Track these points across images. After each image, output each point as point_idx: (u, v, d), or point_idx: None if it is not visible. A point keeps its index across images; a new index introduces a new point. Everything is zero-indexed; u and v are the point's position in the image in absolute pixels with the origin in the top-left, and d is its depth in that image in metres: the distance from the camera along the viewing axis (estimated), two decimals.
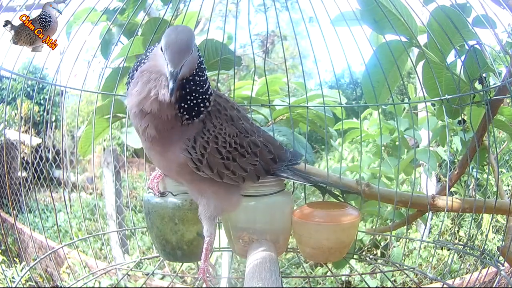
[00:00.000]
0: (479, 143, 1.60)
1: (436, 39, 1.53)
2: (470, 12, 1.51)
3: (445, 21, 1.47)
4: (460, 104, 1.59)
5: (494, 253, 3.22)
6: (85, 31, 1.57)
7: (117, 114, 1.89)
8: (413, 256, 3.91)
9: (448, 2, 1.48)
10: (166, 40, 1.00)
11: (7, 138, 4.52)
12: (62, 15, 1.18)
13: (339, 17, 1.60)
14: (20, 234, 3.39)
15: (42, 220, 4.84)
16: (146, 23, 1.73)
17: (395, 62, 1.58)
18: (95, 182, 1.96)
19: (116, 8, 1.82)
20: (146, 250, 4.40)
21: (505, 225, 1.71)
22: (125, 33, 1.91)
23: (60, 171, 4.62)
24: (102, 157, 4.50)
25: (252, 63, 4.22)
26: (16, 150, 5.04)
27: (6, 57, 1.14)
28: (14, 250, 3.46)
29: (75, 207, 5.30)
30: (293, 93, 3.39)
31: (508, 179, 4.15)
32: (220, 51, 1.74)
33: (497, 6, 1.38)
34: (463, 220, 4.25)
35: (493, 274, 2.52)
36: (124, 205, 4.62)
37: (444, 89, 1.57)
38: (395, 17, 1.52)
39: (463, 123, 1.83)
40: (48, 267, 3.17)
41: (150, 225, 1.37)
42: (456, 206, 1.63)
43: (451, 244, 1.72)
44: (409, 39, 1.59)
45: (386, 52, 1.59)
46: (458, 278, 2.74)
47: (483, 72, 1.52)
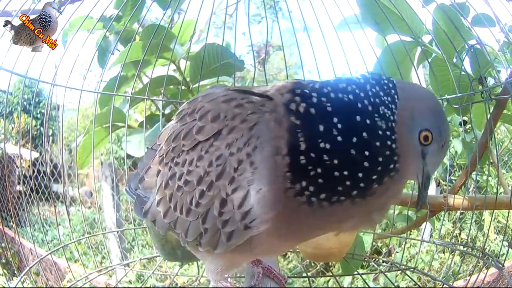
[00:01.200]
0: (489, 138, 1.60)
1: (443, 37, 1.53)
2: (469, 12, 1.51)
3: (452, 16, 1.46)
4: (471, 102, 1.58)
5: (496, 253, 3.21)
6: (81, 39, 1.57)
7: (115, 123, 1.88)
8: (415, 260, 3.89)
9: (448, 2, 1.48)
10: (441, 124, 0.82)
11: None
12: (58, 23, 1.17)
13: (342, 22, 1.60)
14: (20, 248, 3.37)
15: (42, 234, 4.82)
16: (144, 29, 1.73)
17: (399, 64, 1.57)
18: (96, 193, 1.94)
19: (112, 16, 1.81)
20: (147, 263, 4.36)
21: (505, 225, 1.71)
22: (121, 41, 1.90)
23: (58, 185, 4.61)
24: (100, 171, 4.48)
25: (248, 74, 4.22)
26: (14, 164, 5.01)
27: (6, 58, 1.14)
28: (14, 264, 3.44)
29: (74, 221, 5.26)
30: None
31: (508, 179, 4.14)
32: (220, 56, 1.74)
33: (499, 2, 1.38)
34: (464, 223, 4.24)
35: (496, 275, 2.51)
36: (124, 218, 4.60)
37: (451, 88, 1.57)
38: (398, 18, 1.51)
39: (464, 124, 1.82)
40: (49, 280, 3.15)
41: (150, 225, 1.35)
42: (468, 204, 1.63)
43: (452, 245, 1.72)
44: (414, 38, 1.59)
45: (390, 56, 1.59)
46: (462, 280, 2.73)
47: (484, 72, 1.52)
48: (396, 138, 0.77)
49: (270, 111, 0.81)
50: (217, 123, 0.85)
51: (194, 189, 0.86)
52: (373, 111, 0.76)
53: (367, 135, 0.74)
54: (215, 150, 0.83)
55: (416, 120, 0.79)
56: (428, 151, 0.81)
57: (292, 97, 0.79)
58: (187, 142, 0.90)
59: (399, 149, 0.77)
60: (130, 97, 1.82)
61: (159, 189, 0.97)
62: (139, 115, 2.72)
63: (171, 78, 1.98)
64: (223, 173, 0.81)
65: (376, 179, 0.76)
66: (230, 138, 0.82)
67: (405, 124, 0.78)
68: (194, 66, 1.87)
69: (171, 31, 1.90)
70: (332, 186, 0.75)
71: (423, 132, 0.79)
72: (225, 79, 2.10)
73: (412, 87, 0.88)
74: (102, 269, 1.61)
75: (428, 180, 0.83)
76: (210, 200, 0.84)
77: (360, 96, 0.77)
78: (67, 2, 1.31)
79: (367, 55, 1.57)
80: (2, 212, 4.66)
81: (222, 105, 0.87)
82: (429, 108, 0.82)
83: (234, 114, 0.84)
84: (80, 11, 1.48)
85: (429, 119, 0.80)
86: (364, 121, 0.75)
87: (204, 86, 2.13)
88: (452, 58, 1.60)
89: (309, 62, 1.63)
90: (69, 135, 4.49)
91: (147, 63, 1.88)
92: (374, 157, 0.75)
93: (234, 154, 0.80)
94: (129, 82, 1.96)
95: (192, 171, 0.87)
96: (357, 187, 0.76)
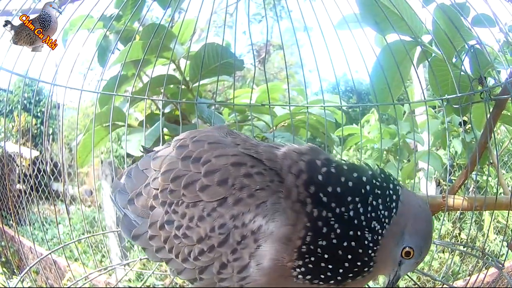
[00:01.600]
0: (489, 138, 1.60)
1: (442, 37, 1.53)
2: (469, 12, 1.51)
3: (452, 16, 1.46)
4: (471, 102, 1.58)
5: (496, 253, 3.21)
6: (81, 38, 1.57)
7: (115, 122, 1.88)
8: None
9: (448, 2, 1.48)
10: (424, 245, 0.93)
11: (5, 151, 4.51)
12: (58, 23, 1.16)
13: (341, 21, 1.60)
14: (20, 246, 3.37)
15: (42, 233, 4.82)
16: (144, 28, 1.73)
17: (399, 63, 1.57)
18: (96, 192, 1.94)
19: (112, 15, 1.81)
20: (147, 262, 4.36)
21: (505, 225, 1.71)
22: (121, 40, 1.90)
23: (58, 183, 4.61)
24: (100, 170, 4.48)
25: (248, 73, 4.23)
26: (14, 163, 5.01)
27: (6, 58, 1.14)
28: (14, 262, 3.44)
29: (74, 220, 5.26)
30: (293, 97, 3.39)
31: (508, 179, 4.14)
32: (220, 55, 1.73)
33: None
34: (464, 223, 4.24)
35: (496, 275, 2.51)
36: None
37: (450, 88, 1.57)
38: (398, 17, 1.51)
39: (464, 125, 1.82)
40: (48, 279, 3.15)
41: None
42: (467, 205, 1.63)
43: (452, 245, 1.72)
44: (413, 38, 1.59)
45: (390, 55, 1.58)
46: (461, 280, 2.73)
47: (484, 72, 1.52)
48: (378, 249, 0.87)
49: (278, 191, 0.86)
50: (224, 189, 0.88)
51: (193, 244, 0.90)
52: (366, 226, 0.85)
53: (355, 244, 0.85)
54: (218, 217, 0.87)
55: (405, 237, 0.89)
56: (404, 262, 0.92)
57: (305, 188, 0.86)
58: (189, 195, 0.92)
59: (378, 257, 0.88)
60: (130, 97, 1.82)
61: (152, 226, 0.99)
62: (139, 114, 2.72)
63: (171, 77, 1.98)
64: (226, 242, 0.86)
65: (351, 276, 0.88)
66: (235, 210, 0.86)
67: (393, 236, 0.88)
68: (194, 65, 1.87)
69: (171, 30, 1.90)
70: (318, 272, 0.86)
71: (406, 249, 0.89)
72: (225, 79, 2.10)
73: (412, 202, 0.93)
74: (102, 269, 1.61)
75: (398, 279, 0.94)
76: (210, 260, 0.90)
77: (361, 210, 0.85)
78: (67, 1, 1.30)
79: (366, 54, 1.57)
80: (2, 211, 4.66)
81: (230, 169, 0.90)
82: (420, 230, 0.91)
83: (242, 185, 0.87)
84: (80, 11, 1.47)
85: (416, 239, 0.90)
86: (356, 232, 0.85)
87: (204, 85, 2.14)
88: (452, 58, 1.60)
89: (309, 62, 1.63)
90: (69, 133, 4.49)
91: (147, 62, 1.88)
92: (354, 260, 0.86)
93: (238, 227, 0.85)
94: (129, 81, 1.96)
95: (192, 228, 0.90)
96: (334, 278, 0.87)
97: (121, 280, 2.08)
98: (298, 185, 0.86)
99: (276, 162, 0.91)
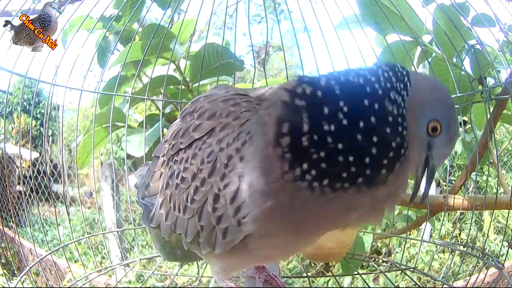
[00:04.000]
0: (489, 138, 1.61)
1: (443, 37, 1.53)
2: (469, 12, 1.51)
3: (452, 16, 1.47)
4: (471, 102, 1.58)
5: (496, 253, 3.21)
6: (81, 38, 1.57)
7: (115, 123, 1.88)
8: (415, 260, 3.89)
9: (448, 2, 1.48)
10: (451, 117, 0.79)
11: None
12: (58, 23, 1.17)
13: (342, 21, 1.60)
14: (20, 248, 3.37)
15: (42, 234, 4.82)
16: (143, 29, 1.73)
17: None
18: (96, 193, 1.94)
19: (112, 16, 1.81)
20: (147, 263, 4.36)
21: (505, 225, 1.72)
22: (121, 41, 1.90)
23: (58, 185, 4.61)
24: (100, 171, 4.48)
25: (247, 74, 4.23)
26: (14, 164, 5.01)
27: (6, 58, 1.14)
28: (14, 264, 3.44)
29: (74, 221, 5.25)
30: None
31: (508, 179, 4.14)
32: (220, 55, 1.73)
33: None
34: (464, 223, 4.24)
35: (496, 275, 2.51)
36: (124, 218, 4.59)
37: (451, 88, 1.57)
38: (398, 17, 1.51)
39: (464, 125, 1.82)
40: (49, 280, 3.14)
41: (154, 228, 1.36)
42: (468, 204, 1.63)
43: (452, 245, 1.72)
44: (414, 38, 1.59)
45: (390, 55, 1.59)
46: (462, 280, 2.72)
47: (484, 72, 1.52)
48: (406, 126, 0.74)
49: (265, 108, 0.79)
50: (212, 120, 0.85)
51: (189, 185, 0.86)
52: (383, 96, 0.72)
53: (376, 120, 0.71)
54: (207, 147, 0.83)
55: (426, 110, 0.77)
56: (435, 143, 0.78)
57: (298, 83, 0.75)
58: (184, 140, 0.90)
59: (407, 137, 0.74)
60: (130, 97, 1.82)
61: (161, 191, 0.98)
62: (139, 115, 2.72)
63: (171, 78, 1.98)
64: (214, 170, 0.80)
65: (385, 166, 0.72)
66: (221, 135, 0.81)
67: (415, 113, 0.75)
68: (194, 66, 1.87)
69: (171, 31, 1.90)
70: (336, 171, 0.71)
71: (432, 123, 0.76)
72: (225, 79, 2.10)
73: (425, 77, 0.86)
74: (102, 269, 1.61)
75: (433, 172, 0.80)
76: (203, 196, 0.83)
77: (371, 80, 0.74)
78: (67, 2, 1.31)
79: (367, 54, 1.57)
80: (2, 212, 4.66)
81: (219, 104, 0.87)
82: (440, 99, 0.79)
83: (229, 112, 0.84)
84: (80, 11, 1.48)
85: (440, 110, 0.77)
86: (373, 105, 0.71)
87: (204, 85, 2.13)
88: (452, 58, 1.60)
89: (310, 63, 1.63)
90: (69, 135, 4.49)
91: (147, 63, 1.88)
92: (383, 144, 0.71)
93: (223, 149, 0.79)
94: (129, 82, 1.96)
95: (187, 168, 0.87)
96: (363, 175, 0.71)
97: (121, 281, 2.08)
98: (288, 86, 0.76)
99: (264, 94, 0.85)
